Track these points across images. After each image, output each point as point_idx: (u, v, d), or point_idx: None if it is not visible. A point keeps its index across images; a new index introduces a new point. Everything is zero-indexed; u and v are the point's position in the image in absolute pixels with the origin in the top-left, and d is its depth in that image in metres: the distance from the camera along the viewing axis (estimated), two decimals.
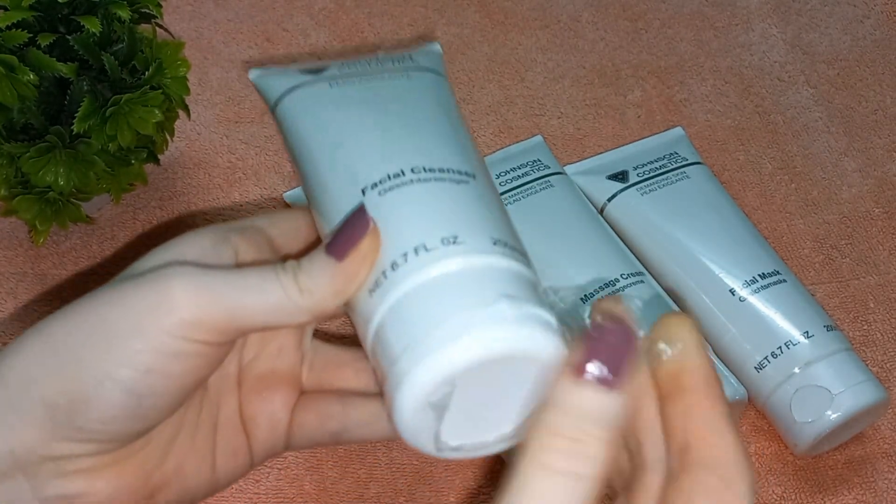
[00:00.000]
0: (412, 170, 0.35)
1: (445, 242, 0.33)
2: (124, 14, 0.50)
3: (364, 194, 0.35)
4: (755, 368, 0.51)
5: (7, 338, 0.53)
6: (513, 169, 0.56)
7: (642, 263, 0.53)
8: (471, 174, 0.36)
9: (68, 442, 0.33)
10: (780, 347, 0.50)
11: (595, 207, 0.56)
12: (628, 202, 0.56)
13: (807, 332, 0.50)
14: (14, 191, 0.52)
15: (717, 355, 0.51)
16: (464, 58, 0.65)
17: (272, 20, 0.66)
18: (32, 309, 0.54)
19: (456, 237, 0.33)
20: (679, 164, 0.57)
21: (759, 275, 0.52)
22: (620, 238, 0.55)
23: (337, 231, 0.34)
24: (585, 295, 0.51)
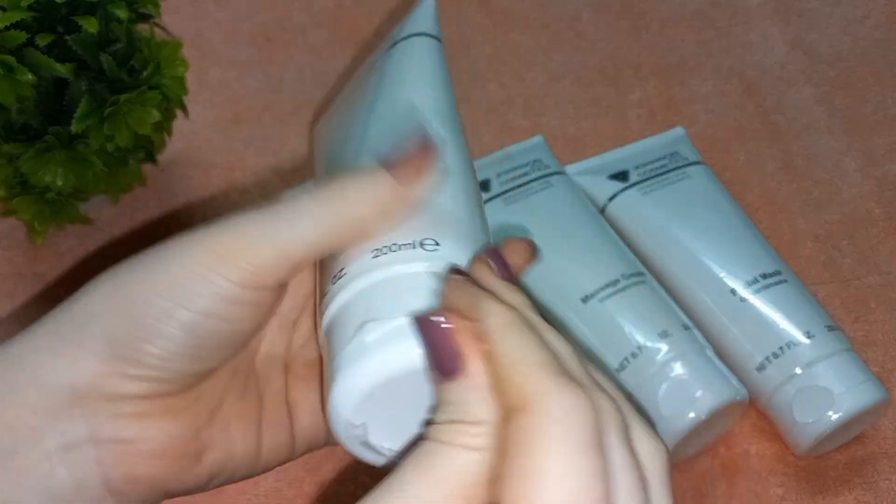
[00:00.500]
0: None
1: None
2: (123, 14, 0.50)
3: None
4: (756, 369, 0.50)
5: (5, 338, 0.53)
6: (513, 169, 0.56)
7: (643, 263, 0.53)
8: None
9: (126, 379, 0.34)
10: (782, 348, 0.50)
11: (596, 207, 0.56)
12: (629, 202, 0.56)
13: (808, 333, 0.50)
14: (13, 191, 0.52)
15: (719, 355, 0.50)
16: (464, 57, 0.65)
17: (272, 20, 0.66)
18: (31, 309, 0.54)
19: (342, 268, 0.35)
20: (680, 164, 0.57)
21: (761, 275, 0.52)
22: (621, 238, 0.54)
23: (394, 148, 0.35)
24: (586, 296, 0.51)
